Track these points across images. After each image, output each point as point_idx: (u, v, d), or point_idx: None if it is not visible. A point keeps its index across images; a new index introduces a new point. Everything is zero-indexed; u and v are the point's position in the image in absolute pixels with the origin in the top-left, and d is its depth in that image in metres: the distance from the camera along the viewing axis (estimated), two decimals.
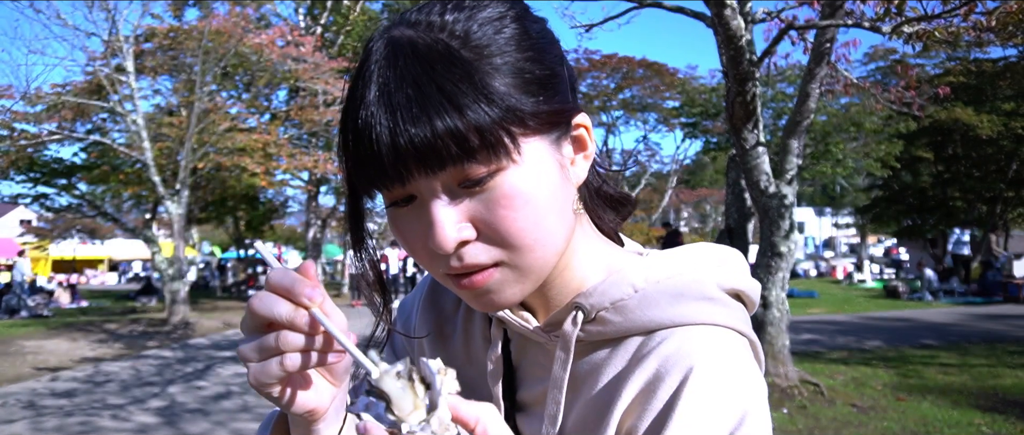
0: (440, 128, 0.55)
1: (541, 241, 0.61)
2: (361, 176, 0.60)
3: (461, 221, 0.59)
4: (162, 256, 13.85)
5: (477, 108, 0.56)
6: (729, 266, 0.70)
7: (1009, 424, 5.64)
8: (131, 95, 12.90)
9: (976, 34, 5.40)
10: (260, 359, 0.56)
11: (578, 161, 0.66)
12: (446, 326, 0.82)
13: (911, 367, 8.19)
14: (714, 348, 0.62)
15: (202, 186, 16.94)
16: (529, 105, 0.59)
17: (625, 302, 0.65)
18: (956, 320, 13.64)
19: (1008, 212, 24.72)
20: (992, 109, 19.81)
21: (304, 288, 0.54)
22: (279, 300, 0.54)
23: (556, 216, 0.62)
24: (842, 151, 17.64)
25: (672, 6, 6.44)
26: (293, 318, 0.54)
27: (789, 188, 6.33)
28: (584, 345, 0.68)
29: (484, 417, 0.51)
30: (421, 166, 0.57)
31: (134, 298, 19.19)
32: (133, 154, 13.30)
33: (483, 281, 0.61)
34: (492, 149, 0.57)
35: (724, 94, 6.15)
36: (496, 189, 0.58)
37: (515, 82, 0.59)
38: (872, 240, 41.94)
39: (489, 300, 0.63)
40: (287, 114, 15.66)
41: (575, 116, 0.65)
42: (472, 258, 0.60)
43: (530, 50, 0.61)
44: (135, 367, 8.89)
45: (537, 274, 0.63)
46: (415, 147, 0.56)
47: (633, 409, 0.62)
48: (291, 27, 16.15)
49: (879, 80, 17.07)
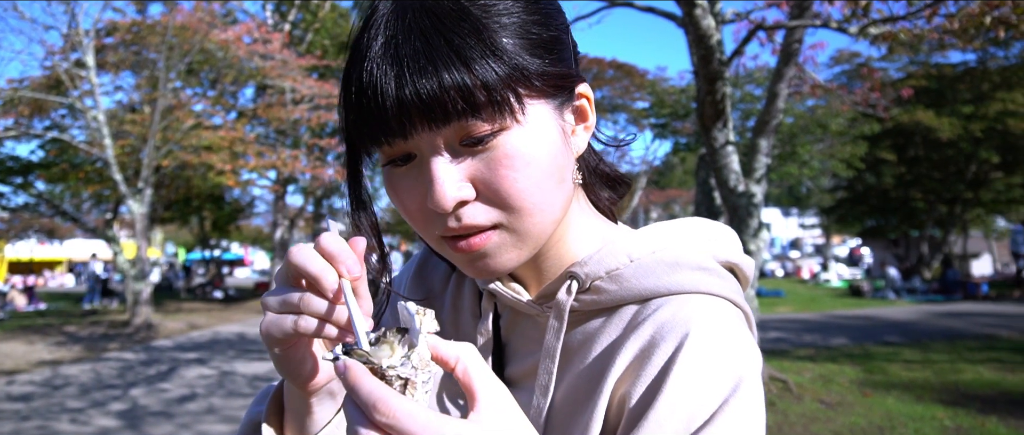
0: (447, 82, 0.55)
1: (540, 205, 0.60)
2: (362, 131, 0.59)
3: (461, 180, 0.58)
4: (124, 257, 13.52)
5: (485, 64, 0.55)
6: (723, 240, 0.70)
7: (969, 417, 5.77)
8: (91, 91, 12.56)
9: (939, 36, 5.51)
10: (279, 311, 0.56)
11: (579, 131, 0.66)
12: (434, 302, 0.82)
13: (876, 363, 8.35)
14: (710, 316, 0.61)
15: (166, 185, 16.60)
16: (535, 65, 0.59)
17: (620, 271, 0.65)
18: (918, 318, 13.97)
19: (966, 213, 25.41)
20: (952, 112, 20.35)
21: (347, 259, 0.54)
22: (318, 259, 0.54)
23: (556, 182, 0.61)
24: (808, 152, 17.94)
25: (643, 5, 6.46)
26: (323, 281, 0.54)
27: (758, 187, 6.39)
28: (577, 315, 0.67)
29: (464, 356, 0.50)
30: (425, 119, 0.56)
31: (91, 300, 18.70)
32: (94, 152, 12.96)
33: (481, 244, 0.60)
34: (497, 107, 0.56)
35: (694, 95, 6.20)
36: (498, 149, 0.58)
37: (522, 42, 0.59)
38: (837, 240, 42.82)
39: (484, 264, 0.62)
40: (254, 112, 15.40)
41: (578, 84, 0.65)
42: (470, 218, 0.59)
43: (536, 13, 0.61)
44: (95, 370, 8.65)
45: (535, 240, 0.62)
46: (421, 100, 0.55)
47: (627, 376, 0.61)
48: (258, 23, 15.88)
49: (844, 83, 17.42)
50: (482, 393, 0.49)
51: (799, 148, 17.75)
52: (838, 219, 29.16)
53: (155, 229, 25.30)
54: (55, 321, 14.13)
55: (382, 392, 0.46)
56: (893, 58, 20.33)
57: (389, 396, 0.45)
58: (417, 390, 0.47)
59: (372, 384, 0.46)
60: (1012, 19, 4.75)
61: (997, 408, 6.09)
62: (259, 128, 16.12)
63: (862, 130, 18.57)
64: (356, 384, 0.46)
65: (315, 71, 16.83)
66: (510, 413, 0.50)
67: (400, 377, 0.47)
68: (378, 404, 0.45)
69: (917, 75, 20.96)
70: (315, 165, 15.53)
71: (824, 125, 17.37)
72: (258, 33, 14.42)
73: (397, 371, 0.47)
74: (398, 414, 0.45)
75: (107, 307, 17.38)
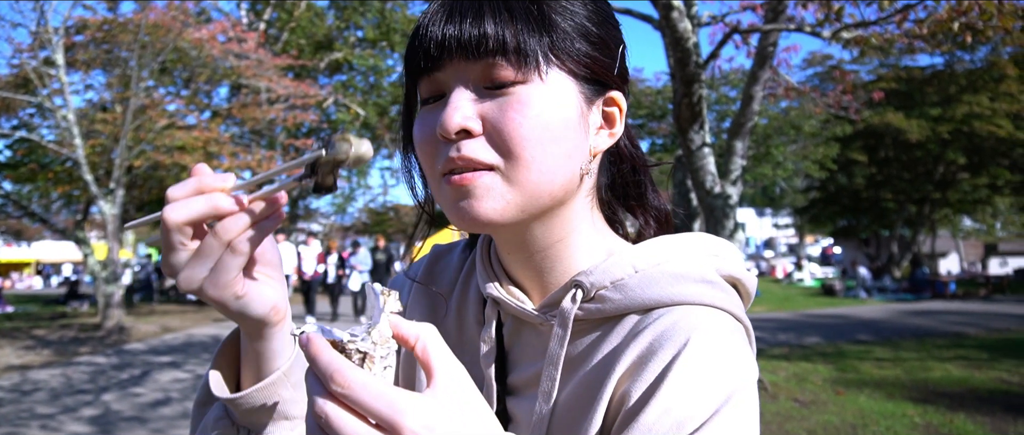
0: (490, 28, 0.61)
1: (539, 160, 0.62)
2: (410, 63, 0.65)
3: (473, 113, 0.62)
4: (95, 258, 13.27)
5: (529, 21, 0.62)
6: (727, 255, 0.72)
7: (939, 414, 5.90)
8: (61, 90, 12.30)
9: (908, 41, 5.63)
10: (207, 262, 0.56)
11: (602, 133, 0.69)
12: (440, 307, 0.82)
13: (848, 362, 8.50)
14: (710, 327, 0.62)
15: (138, 185, 16.32)
16: (576, 42, 0.64)
17: (625, 281, 0.66)
18: (889, 316, 14.24)
19: (935, 213, 25.94)
20: (921, 114, 20.77)
21: (206, 177, 0.55)
22: (192, 199, 0.55)
23: (561, 152, 0.64)
24: (782, 153, 18.21)
25: (620, 8, 6.50)
26: (216, 204, 0.55)
27: (734, 188, 6.47)
28: (581, 325, 0.68)
29: (424, 335, 0.51)
30: (460, 50, 0.61)
31: (64, 303, 18.35)
32: (63, 151, 12.69)
33: (471, 180, 0.62)
34: (524, 57, 0.61)
35: (670, 96, 6.25)
36: (514, 95, 0.62)
37: (572, 25, 0.64)
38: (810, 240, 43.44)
39: (468, 205, 0.63)
40: (228, 112, 15.21)
41: (613, 90, 0.69)
42: (470, 151, 0.62)
43: (594, 14, 0.67)
44: (66, 374, 8.48)
45: (525, 197, 0.63)
46: (461, 33, 0.61)
47: (625, 379, 0.62)
48: (233, 22, 15.69)
49: (817, 85, 17.69)
50: (439, 371, 0.49)
51: (773, 149, 18.00)
52: (811, 219, 29.62)
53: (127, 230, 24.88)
54: (23, 325, 13.82)
55: (339, 364, 0.47)
56: (864, 61, 20.70)
57: (346, 367, 0.47)
58: (376, 364, 0.49)
59: (330, 356, 0.47)
60: (978, 25, 4.87)
61: (965, 405, 6.24)
62: (234, 128, 15.91)
63: (834, 132, 18.88)
64: (316, 355, 0.47)
65: (291, 71, 16.68)
66: (466, 392, 0.50)
67: (359, 351, 0.49)
68: (335, 375, 0.46)
69: (887, 77, 21.38)
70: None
71: (798, 127, 17.64)
72: (233, 32, 14.24)
73: (357, 345, 0.49)
74: (353, 385, 0.46)
75: (78, 310, 17.06)
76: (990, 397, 6.56)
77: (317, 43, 18.65)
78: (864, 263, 24.60)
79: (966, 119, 19.95)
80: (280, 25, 18.77)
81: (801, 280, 26.88)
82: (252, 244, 0.57)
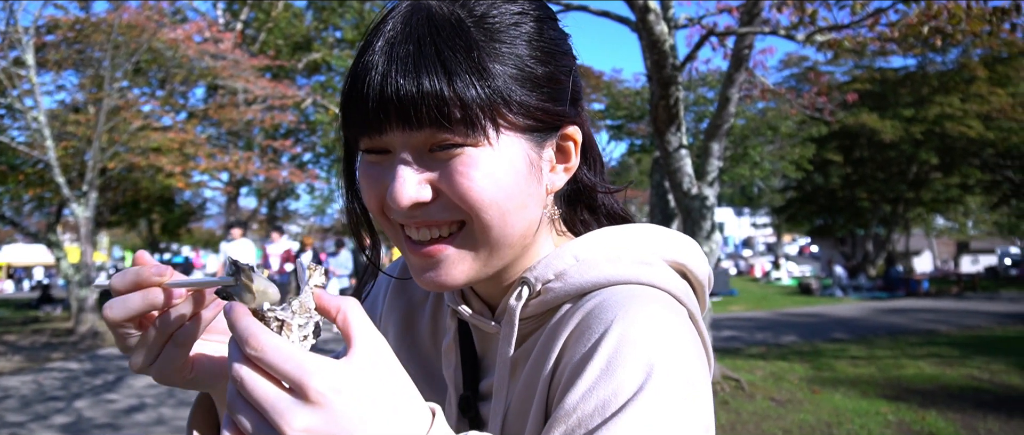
0: (426, 87, 0.57)
1: (497, 220, 0.61)
2: (347, 117, 0.63)
3: (421, 182, 0.61)
4: (68, 262, 13.04)
5: (467, 79, 0.58)
6: (675, 243, 0.70)
7: (911, 411, 6.00)
8: (32, 90, 12.07)
9: (880, 44, 5.72)
10: (151, 352, 0.59)
11: (558, 170, 0.68)
12: (414, 314, 0.83)
13: (824, 360, 8.61)
14: (640, 304, 0.61)
15: (113, 187, 16.07)
16: (519, 95, 0.61)
17: (566, 270, 0.66)
18: (864, 314, 14.44)
19: (908, 212, 26.37)
20: (894, 115, 21.08)
21: (148, 271, 0.57)
22: (130, 296, 0.57)
23: (516, 205, 0.63)
24: (759, 154, 18.37)
25: (598, 10, 6.53)
26: (152, 300, 0.57)
27: (711, 189, 6.52)
28: (529, 322, 0.69)
29: (346, 306, 0.51)
30: (400, 119, 0.59)
31: (36, 307, 18.00)
32: (34, 153, 12.44)
33: (437, 251, 0.62)
34: (470, 125, 0.58)
35: (649, 97, 6.29)
36: (464, 157, 0.60)
37: (513, 72, 0.61)
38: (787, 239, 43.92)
39: (435, 275, 0.63)
40: (205, 113, 15.03)
41: (567, 126, 0.66)
42: (428, 216, 0.62)
43: (538, 50, 0.63)
44: (37, 381, 8.33)
45: (489, 254, 0.64)
46: (399, 99, 0.58)
47: (557, 364, 0.62)
48: (209, 22, 15.51)
49: (793, 86, 17.90)
50: (357, 339, 0.50)
51: (750, 150, 18.16)
52: (788, 218, 29.94)
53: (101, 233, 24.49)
54: None
55: (255, 329, 0.48)
56: (839, 63, 20.97)
57: (260, 332, 0.48)
58: (293, 333, 0.51)
59: (248, 321, 0.49)
60: (947, 29, 4.96)
61: (936, 402, 6.35)
62: (210, 129, 15.72)
63: (810, 132, 19.10)
64: (235, 321, 0.49)
65: (268, 71, 16.51)
66: (383, 360, 0.50)
67: (277, 319, 0.51)
68: (249, 339, 0.48)
69: (862, 79, 21.67)
70: (269, 167, 15.25)
71: (774, 127, 17.81)
72: (209, 32, 14.08)
73: (275, 313, 0.51)
74: (265, 348, 0.47)
75: (50, 314, 16.75)
76: (961, 394, 6.68)
77: (295, 44, 18.49)
78: (840, 262, 24.95)
79: (938, 120, 20.28)
80: (257, 25, 18.58)
81: (779, 279, 27.19)
82: (191, 337, 0.59)
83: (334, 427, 0.46)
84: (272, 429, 0.46)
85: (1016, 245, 39.57)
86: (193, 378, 0.63)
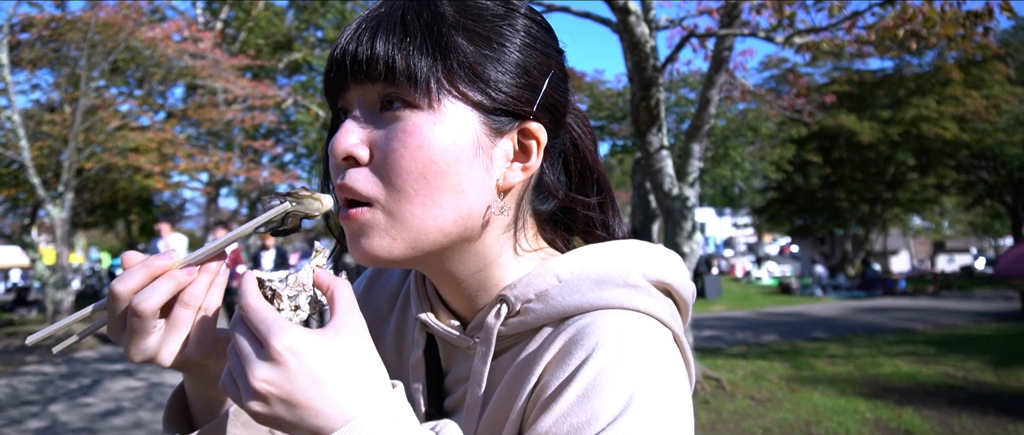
0: (379, 44, 0.60)
1: (422, 195, 0.61)
2: (325, 79, 0.66)
3: (361, 140, 0.62)
4: (44, 264, 12.84)
5: (422, 38, 0.60)
6: (660, 261, 0.68)
7: (888, 409, 6.07)
8: (5, 90, 11.87)
9: (858, 46, 5.80)
10: (182, 332, 0.61)
11: (515, 167, 0.65)
12: (380, 325, 0.82)
13: (803, 359, 8.69)
14: (624, 330, 0.60)
15: (90, 188, 15.83)
16: (477, 64, 0.61)
17: (548, 291, 0.64)
18: (842, 314, 14.62)
19: (886, 212, 26.73)
20: (872, 116, 21.36)
21: (156, 261, 0.60)
22: (156, 284, 0.59)
23: (449, 186, 0.61)
24: (740, 154, 18.51)
25: (579, 11, 6.55)
26: (179, 279, 0.60)
27: (691, 190, 6.56)
28: (506, 340, 0.67)
29: (337, 285, 0.56)
30: (353, 73, 0.62)
31: (11, 309, 17.69)
32: (8, 154, 12.24)
33: (356, 216, 0.63)
34: (414, 83, 0.59)
35: (630, 98, 6.32)
36: (403, 122, 0.60)
37: (475, 50, 0.61)
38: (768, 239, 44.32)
39: (359, 245, 0.64)
40: (184, 112, 14.87)
41: (530, 122, 0.64)
42: (352, 181, 0.62)
43: (513, 38, 0.63)
44: (12, 385, 8.19)
45: (409, 234, 0.62)
46: (355, 53, 0.61)
47: (537, 387, 0.62)
48: (188, 21, 15.34)
49: (773, 88, 18.07)
50: (335, 314, 0.54)
51: (731, 150, 18.30)
52: (769, 218, 30.23)
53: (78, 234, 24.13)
54: None
55: (248, 293, 0.54)
56: (818, 64, 21.21)
57: (250, 295, 0.54)
58: (284, 302, 0.56)
59: (247, 287, 0.55)
60: (922, 32, 5.03)
61: (912, 400, 6.44)
62: (190, 129, 15.55)
63: (790, 133, 19.29)
64: (240, 285, 0.56)
65: (249, 71, 16.37)
66: (357, 337, 0.53)
67: (271, 289, 0.57)
68: (241, 299, 0.54)
69: (840, 80, 21.94)
70: (249, 167, 15.10)
71: (754, 128, 17.97)
72: (188, 31, 13.92)
73: (273, 285, 0.57)
74: (248, 307, 0.53)
75: (25, 317, 16.47)
76: (936, 391, 6.78)
77: (276, 43, 18.33)
78: (820, 261, 25.24)
79: (915, 121, 20.59)
80: (238, 24, 18.40)
81: (759, 279, 27.45)
82: (217, 301, 0.63)
83: (289, 385, 0.50)
84: (243, 376, 0.51)
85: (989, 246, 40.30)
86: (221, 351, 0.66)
